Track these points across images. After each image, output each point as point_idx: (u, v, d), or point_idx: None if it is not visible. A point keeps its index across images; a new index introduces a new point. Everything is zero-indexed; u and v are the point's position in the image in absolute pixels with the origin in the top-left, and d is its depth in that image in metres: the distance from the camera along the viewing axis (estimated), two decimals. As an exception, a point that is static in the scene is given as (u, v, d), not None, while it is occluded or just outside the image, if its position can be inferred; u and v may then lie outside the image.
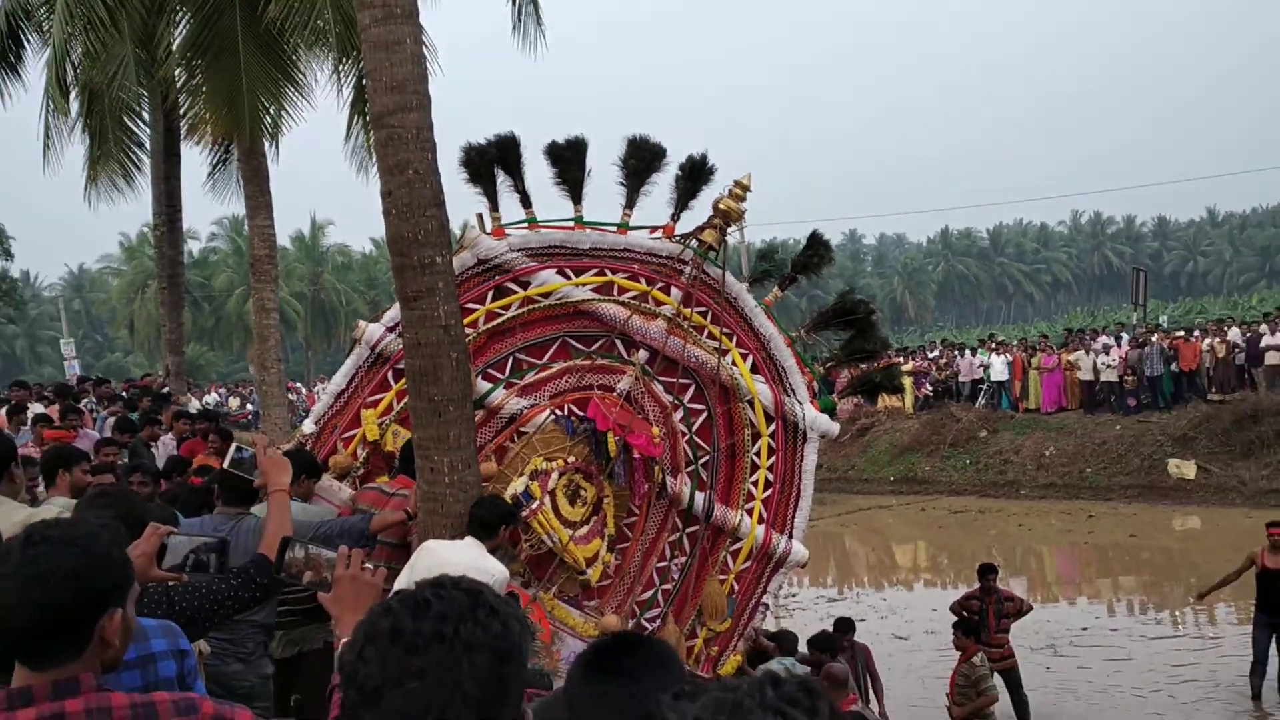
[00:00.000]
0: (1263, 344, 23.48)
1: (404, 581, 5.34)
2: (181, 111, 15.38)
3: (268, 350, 14.34)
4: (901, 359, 30.91)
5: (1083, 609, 15.59)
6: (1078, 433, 24.79)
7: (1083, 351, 26.18)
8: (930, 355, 31.50)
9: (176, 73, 14.60)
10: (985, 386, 27.88)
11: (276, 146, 15.48)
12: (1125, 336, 26.58)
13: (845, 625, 10.17)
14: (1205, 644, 13.31)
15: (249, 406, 34.72)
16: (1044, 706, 10.90)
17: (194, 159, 18.38)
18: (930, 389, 28.90)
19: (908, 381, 29.14)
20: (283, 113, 14.95)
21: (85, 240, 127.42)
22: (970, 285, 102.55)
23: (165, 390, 17.52)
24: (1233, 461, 21.90)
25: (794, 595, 17.91)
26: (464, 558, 5.18)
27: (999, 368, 27.51)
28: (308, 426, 8.25)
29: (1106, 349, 25.74)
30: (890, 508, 24.79)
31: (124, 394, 18.38)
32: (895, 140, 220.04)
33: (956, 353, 30.37)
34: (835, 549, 22.62)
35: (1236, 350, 23.95)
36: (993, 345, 29.67)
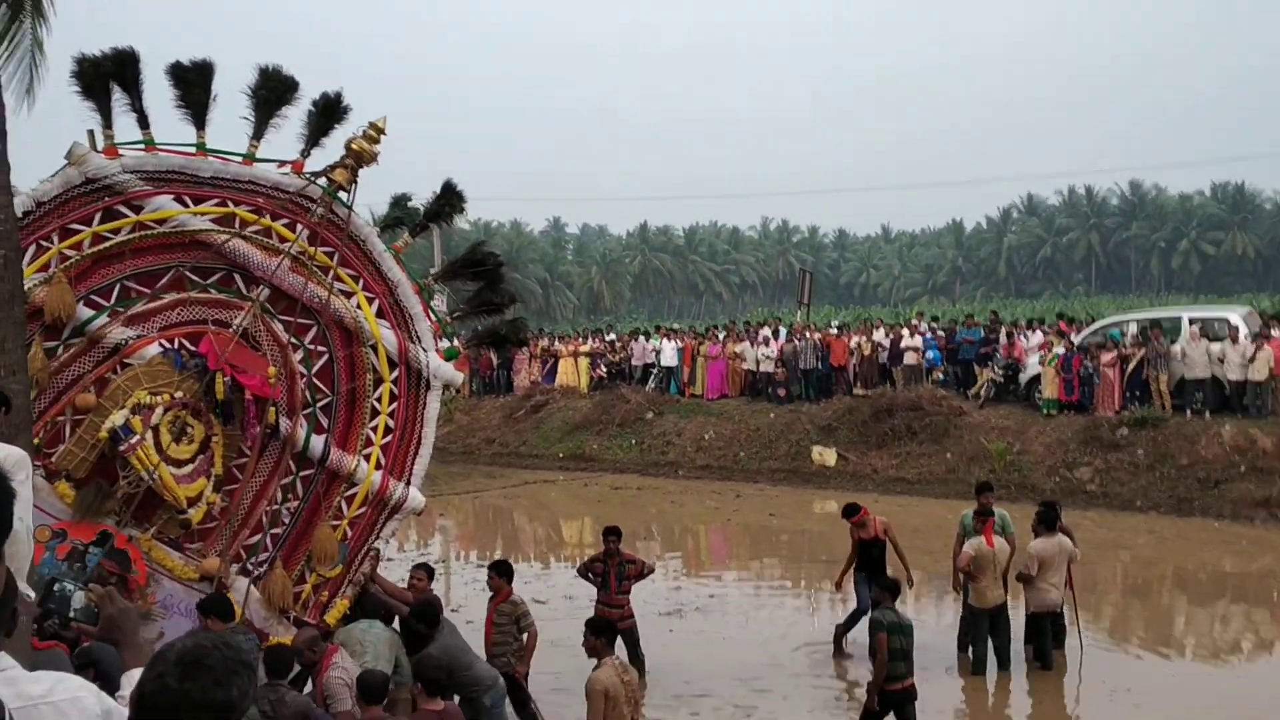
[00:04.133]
0: (903, 344, 25.46)
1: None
2: None
3: None
4: (580, 340, 31.55)
5: (715, 580, 16.42)
6: (735, 418, 26.08)
7: (747, 343, 27.55)
8: (607, 338, 32.27)
9: None
10: (656, 371, 28.85)
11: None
12: (783, 332, 28.15)
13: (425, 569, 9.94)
14: (813, 610, 14.34)
15: None
16: (661, 661, 11.40)
17: None
18: (604, 370, 29.62)
19: (584, 362, 29.79)
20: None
21: None
22: (665, 280, 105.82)
23: None
24: (869, 451, 23.62)
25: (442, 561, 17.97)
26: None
27: (669, 353, 28.54)
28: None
29: (767, 341, 27.21)
30: (555, 483, 25.25)
31: None
32: (602, 130, 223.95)
33: (631, 337, 31.27)
34: (502, 521, 22.88)
35: (880, 349, 25.86)
36: (665, 332, 30.73)
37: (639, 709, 7.69)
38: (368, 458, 8.65)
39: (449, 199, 9.00)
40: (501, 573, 9.77)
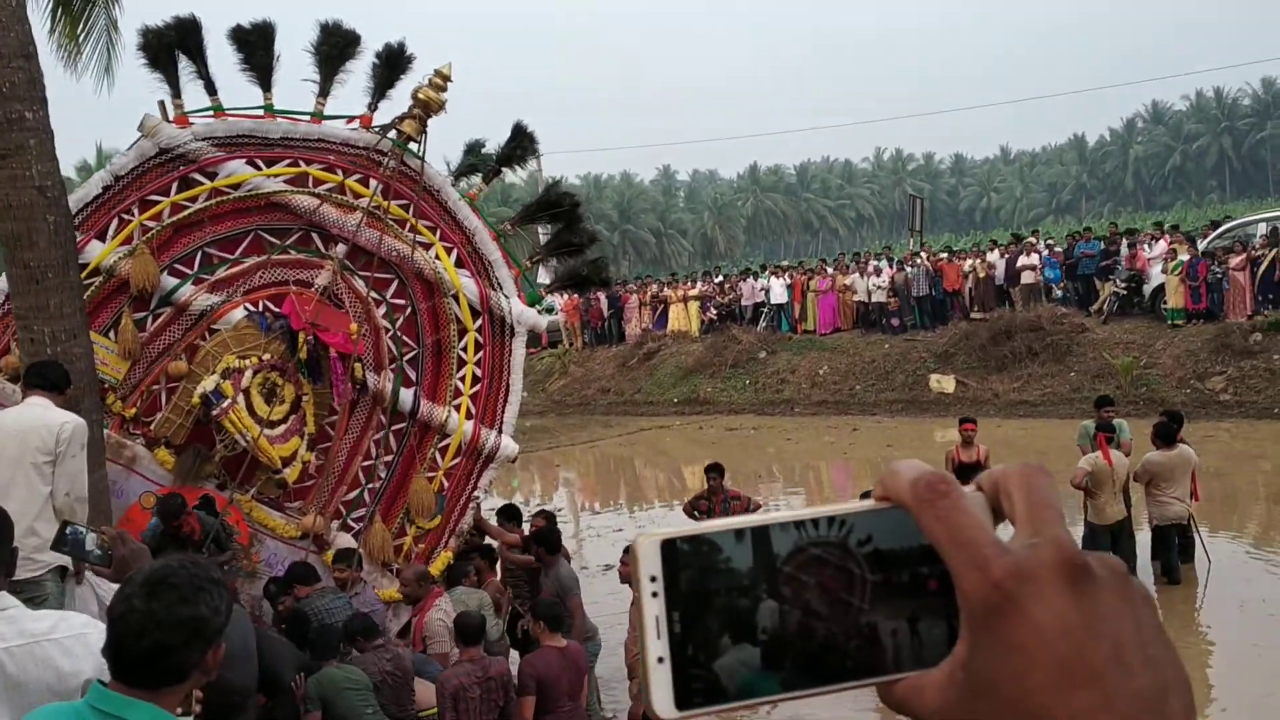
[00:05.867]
0: (1019, 264, 24.65)
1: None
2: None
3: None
4: (689, 284, 31.35)
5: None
6: (849, 352, 25.65)
7: (857, 274, 27.02)
8: (716, 280, 32.00)
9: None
10: (766, 309, 28.51)
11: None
12: (894, 260, 27.53)
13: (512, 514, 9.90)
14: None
15: None
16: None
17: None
18: (714, 313, 29.38)
19: (693, 306, 29.59)
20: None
21: None
22: (779, 220, 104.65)
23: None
24: (988, 375, 23.00)
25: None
26: (29, 414, 5.00)
27: (778, 291, 28.15)
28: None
29: (878, 271, 26.63)
30: (671, 428, 25.20)
31: None
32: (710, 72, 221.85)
33: (739, 278, 30.94)
34: (622, 469, 22.94)
35: (994, 271, 25.09)
36: (773, 270, 30.31)
37: None
38: (458, 408, 8.65)
39: (520, 142, 8.88)
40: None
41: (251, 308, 8.10)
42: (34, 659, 2.40)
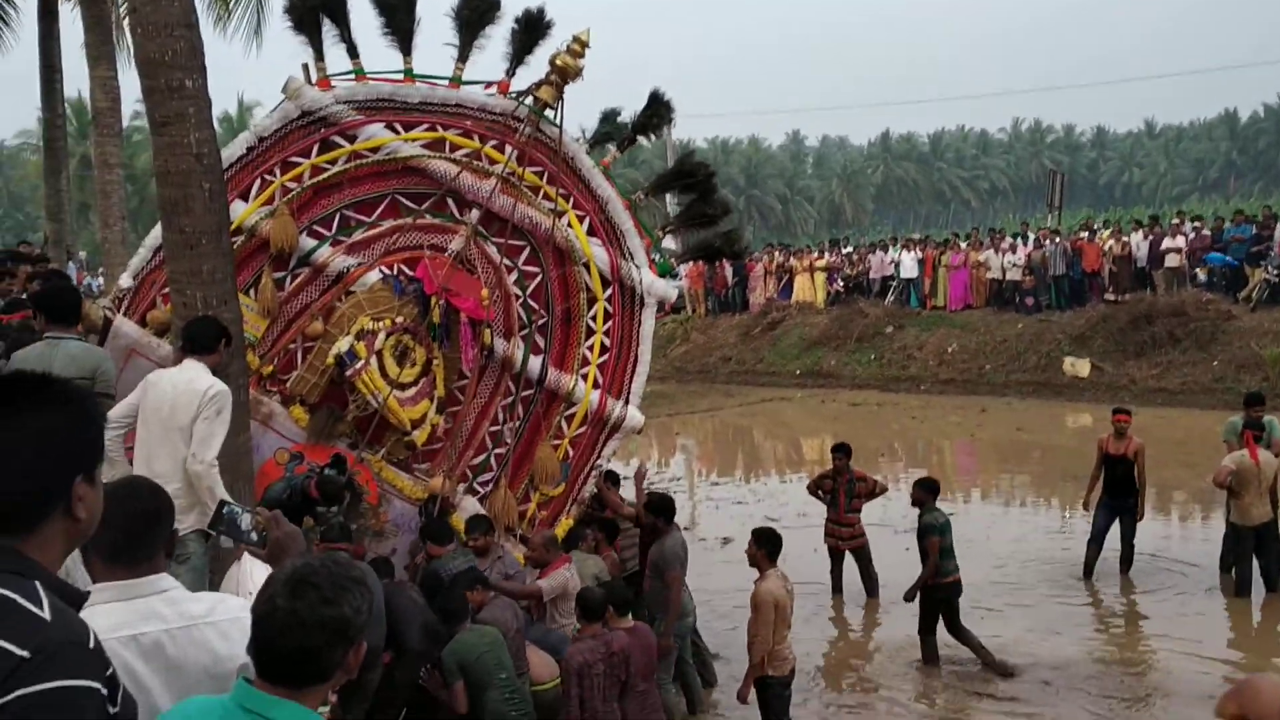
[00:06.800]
0: (1164, 246, 23.70)
1: (128, 406, 5.22)
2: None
3: (110, 208, 13.93)
4: (817, 254, 30.93)
5: (961, 499, 15.86)
6: (980, 330, 25.03)
7: (991, 250, 26.32)
8: (844, 251, 31.51)
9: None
10: (895, 283, 27.98)
11: None
12: (1031, 237, 26.72)
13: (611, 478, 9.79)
14: (1059, 532, 13.58)
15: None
16: (892, 580, 11.04)
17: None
18: (842, 285, 28.96)
19: (820, 277, 29.20)
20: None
21: (6, 116, 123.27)
22: (909, 190, 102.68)
23: (40, 257, 17.03)
24: (1125, 360, 22.22)
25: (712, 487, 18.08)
26: (181, 379, 5.10)
27: (909, 265, 27.60)
28: (125, 281, 8.01)
29: (1013, 248, 25.90)
30: (793, 400, 24.97)
31: None
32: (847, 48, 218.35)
33: (868, 250, 30.42)
34: (741, 439, 22.82)
35: (1135, 252, 24.16)
36: (904, 242, 29.70)
37: None
38: (585, 377, 8.64)
39: (656, 110, 8.77)
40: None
41: (387, 271, 8.18)
42: (192, 642, 2.43)
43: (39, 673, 1.65)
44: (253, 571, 3.34)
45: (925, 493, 9.57)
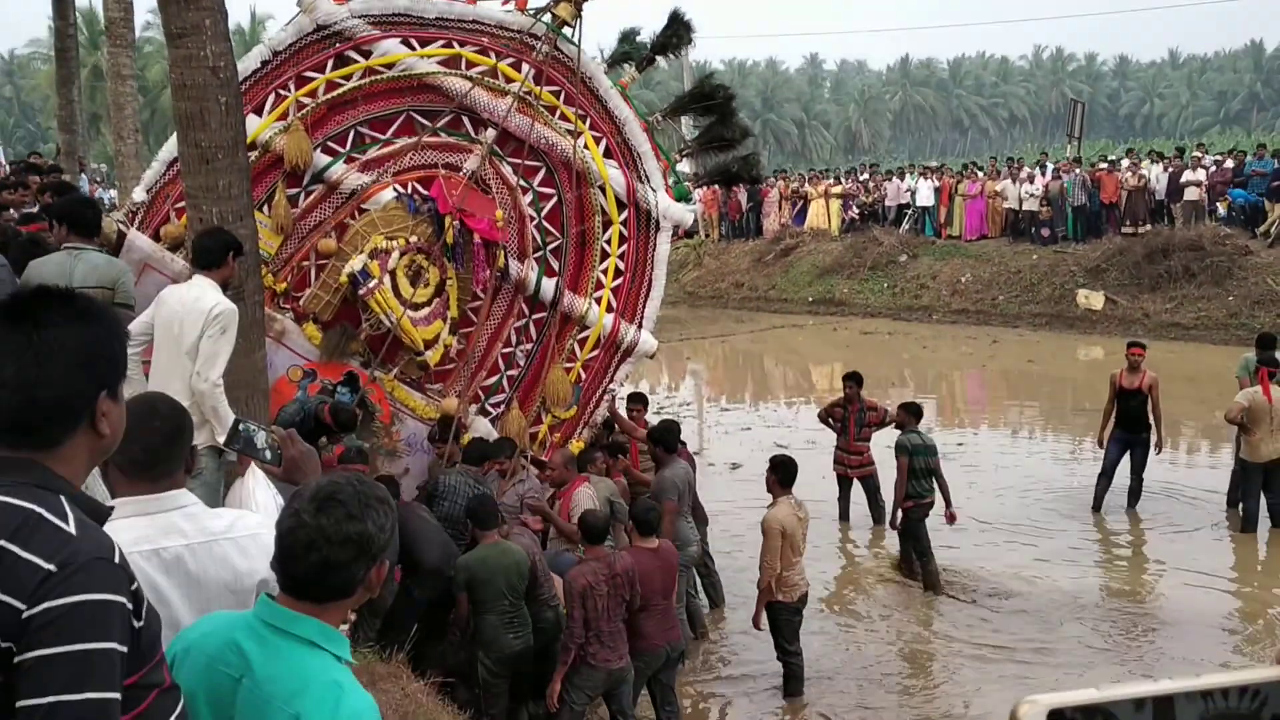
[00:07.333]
0: (1184, 179, 23.42)
1: (143, 324, 5.22)
2: None
3: (124, 120, 13.84)
4: (832, 181, 30.65)
5: (964, 429, 15.89)
6: (995, 260, 24.85)
7: (1009, 180, 26.03)
8: (860, 178, 31.21)
9: None
10: (910, 211, 27.73)
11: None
12: (1049, 168, 26.40)
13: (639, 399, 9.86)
14: (1067, 460, 13.62)
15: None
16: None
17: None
18: (857, 212, 28.72)
19: (835, 204, 28.95)
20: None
21: (17, 24, 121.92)
22: (927, 116, 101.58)
23: (53, 168, 16.95)
24: (1140, 294, 22.06)
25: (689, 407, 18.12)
26: (189, 296, 5.08)
27: (925, 193, 27.30)
28: (138, 195, 7.96)
29: (1031, 178, 25.61)
30: (804, 327, 24.92)
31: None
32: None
33: (884, 177, 30.12)
34: (751, 366, 22.84)
35: (1149, 184, 23.89)
36: (921, 171, 29.38)
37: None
38: (599, 300, 8.60)
39: (676, 30, 8.63)
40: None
41: (401, 189, 8.12)
42: (212, 557, 2.45)
43: (65, 586, 1.66)
44: (255, 490, 3.35)
45: (906, 414, 9.88)
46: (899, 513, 9.62)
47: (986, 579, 9.71)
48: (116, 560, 1.75)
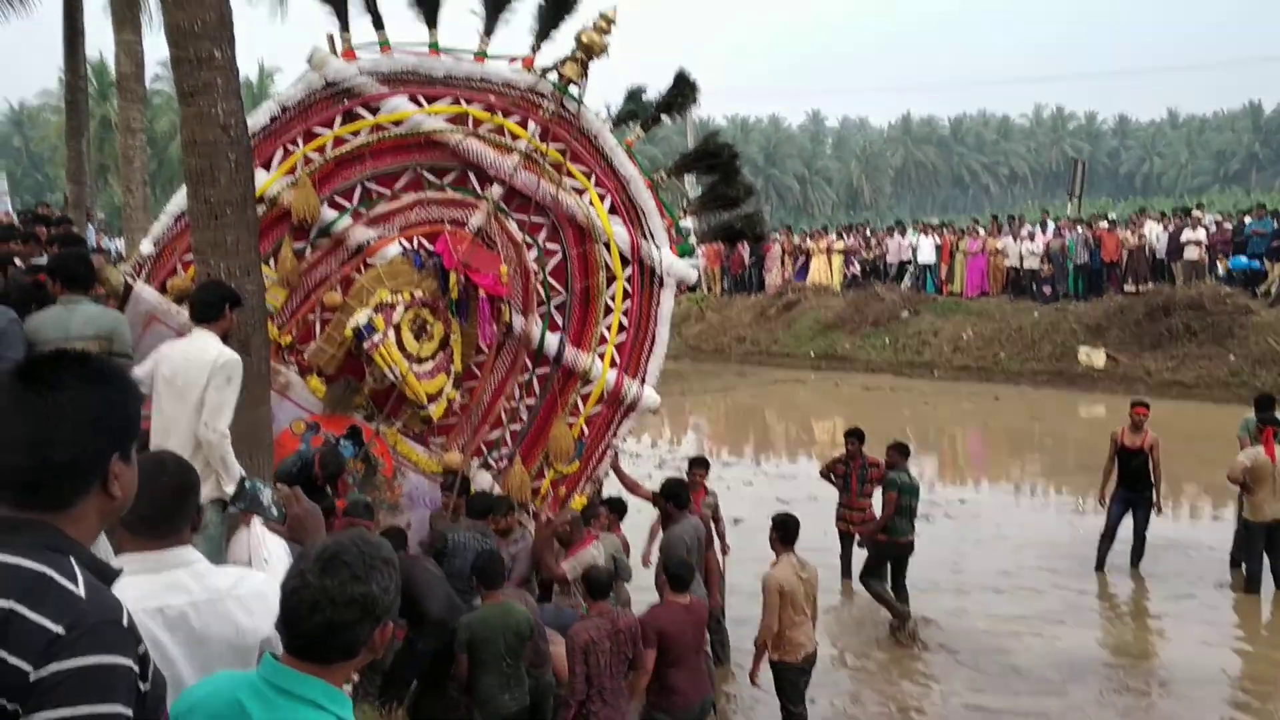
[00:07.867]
0: (1184, 238, 23.55)
1: (143, 373, 5.24)
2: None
3: (133, 173, 13.95)
4: (834, 237, 30.83)
5: (966, 485, 15.85)
6: (996, 317, 24.93)
7: (1010, 238, 26.19)
8: (862, 235, 31.39)
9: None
10: (912, 268, 27.87)
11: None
12: (1051, 225, 26.57)
13: (700, 463, 9.99)
14: (1071, 521, 13.56)
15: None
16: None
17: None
18: (858, 268, 28.86)
19: (837, 260, 29.10)
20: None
21: (28, 75, 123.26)
22: (928, 173, 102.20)
23: (60, 219, 17.06)
24: (1141, 352, 22.11)
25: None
26: (192, 349, 5.11)
27: (926, 250, 27.48)
28: (146, 247, 8.02)
29: (1032, 236, 25.76)
30: (806, 382, 24.94)
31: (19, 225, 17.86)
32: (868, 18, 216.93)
33: (886, 234, 30.30)
34: (752, 420, 22.81)
35: (1150, 243, 24.01)
36: (922, 228, 29.57)
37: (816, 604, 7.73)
38: (602, 356, 8.63)
39: (681, 90, 8.72)
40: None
41: (406, 244, 8.17)
42: (216, 614, 2.45)
43: (73, 649, 1.67)
44: (265, 539, 3.35)
45: (896, 454, 10.15)
46: (872, 541, 9.91)
47: (987, 637, 9.66)
48: (125, 623, 1.76)
